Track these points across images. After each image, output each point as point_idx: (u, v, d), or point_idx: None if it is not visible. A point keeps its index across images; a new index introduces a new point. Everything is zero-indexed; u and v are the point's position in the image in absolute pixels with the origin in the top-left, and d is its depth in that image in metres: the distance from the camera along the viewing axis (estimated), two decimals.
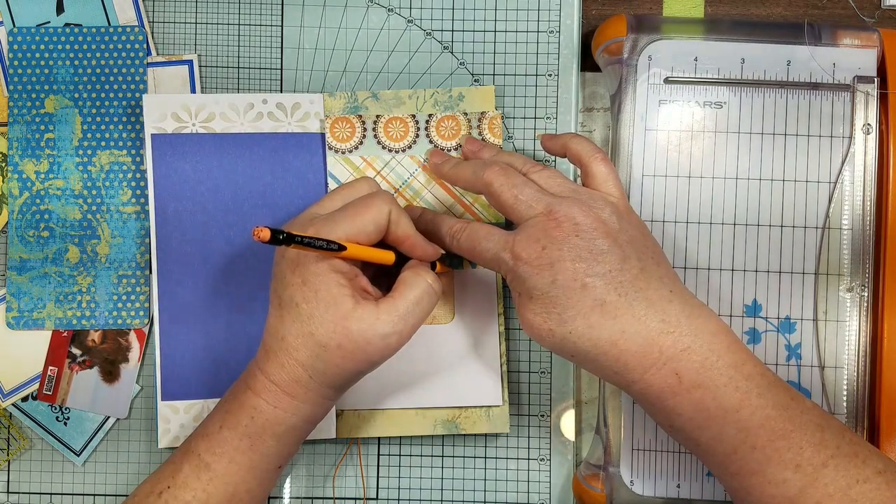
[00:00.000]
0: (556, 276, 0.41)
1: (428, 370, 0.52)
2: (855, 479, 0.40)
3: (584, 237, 0.42)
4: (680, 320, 0.42)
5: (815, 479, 0.40)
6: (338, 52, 0.53)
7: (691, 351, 0.41)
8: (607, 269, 0.42)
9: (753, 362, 0.42)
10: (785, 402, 0.41)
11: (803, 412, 0.41)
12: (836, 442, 0.41)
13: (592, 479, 0.51)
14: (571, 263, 0.41)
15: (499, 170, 0.45)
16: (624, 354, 0.42)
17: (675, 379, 0.41)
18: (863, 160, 0.50)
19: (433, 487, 0.53)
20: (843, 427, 0.42)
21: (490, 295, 0.52)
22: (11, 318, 0.52)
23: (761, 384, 0.41)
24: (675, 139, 0.51)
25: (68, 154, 0.52)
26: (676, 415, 0.42)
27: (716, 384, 0.41)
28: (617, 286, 0.42)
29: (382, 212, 0.44)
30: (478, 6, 0.53)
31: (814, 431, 0.41)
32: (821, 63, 0.51)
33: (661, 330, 0.42)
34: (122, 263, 0.52)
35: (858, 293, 0.50)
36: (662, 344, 0.41)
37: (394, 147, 0.52)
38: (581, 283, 0.41)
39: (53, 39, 0.52)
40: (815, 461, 0.40)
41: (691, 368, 0.41)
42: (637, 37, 0.51)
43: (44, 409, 0.53)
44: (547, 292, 0.42)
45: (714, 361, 0.41)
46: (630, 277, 0.42)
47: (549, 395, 0.53)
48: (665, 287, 0.43)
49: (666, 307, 0.42)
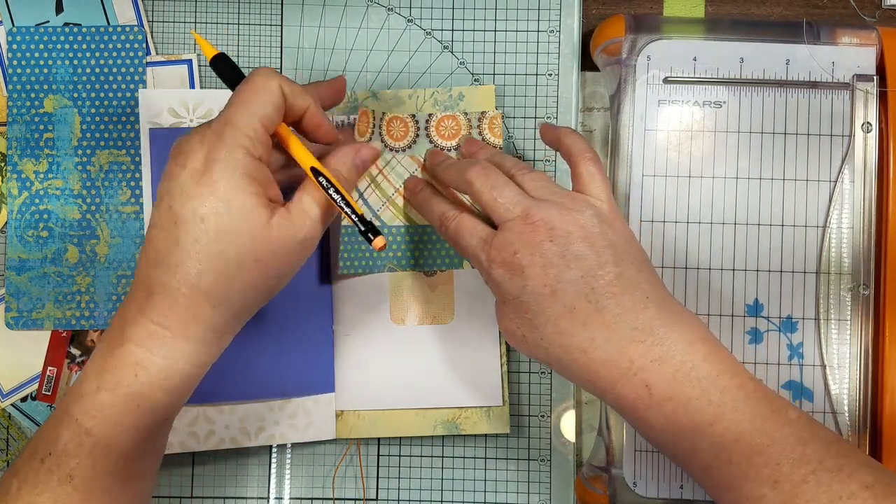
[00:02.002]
0: (527, 282, 0.41)
1: (428, 370, 0.52)
2: (838, 495, 0.38)
3: (558, 242, 0.41)
4: (654, 328, 0.40)
5: (795, 495, 0.38)
6: (338, 52, 0.53)
7: (663, 361, 0.40)
8: (579, 275, 0.41)
9: (732, 373, 0.40)
10: (764, 414, 0.39)
11: (784, 425, 0.39)
12: (820, 456, 0.39)
13: (595, 481, 0.51)
14: (542, 269, 0.41)
15: (481, 170, 0.44)
16: (594, 363, 0.40)
17: (646, 391, 0.40)
18: (863, 158, 0.50)
19: (433, 488, 0.53)
20: (830, 439, 0.40)
21: (490, 295, 0.52)
22: (10, 318, 0.52)
23: (737, 397, 0.39)
24: (674, 139, 0.51)
25: (67, 154, 0.52)
26: (649, 427, 0.40)
27: (688, 397, 0.39)
28: (588, 292, 0.40)
29: (272, 88, 0.40)
30: (478, 6, 0.53)
31: (794, 446, 0.39)
32: (820, 62, 0.51)
33: (631, 338, 0.40)
34: (121, 263, 0.52)
35: (860, 292, 0.50)
36: (633, 353, 0.40)
37: (394, 146, 0.52)
38: (551, 288, 0.40)
39: (53, 39, 0.52)
40: (793, 477, 0.38)
41: (662, 380, 0.40)
42: (636, 37, 0.51)
43: (43, 409, 0.53)
44: (518, 297, 0.41)
45: (686, 373, 0.40)
46: (603, 283, 0.41)
47: (549, 395, 0.53)
48: (642, 293, 0.41)
49: (639, 314, 0.40)
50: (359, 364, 0.52)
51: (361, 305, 0.52)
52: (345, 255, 0.51)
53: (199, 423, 0.50)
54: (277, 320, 0.51)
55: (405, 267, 0.52)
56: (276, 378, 0.51)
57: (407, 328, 0.52)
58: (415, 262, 0.52)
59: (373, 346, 0.52)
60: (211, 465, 0.53)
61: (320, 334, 0.52)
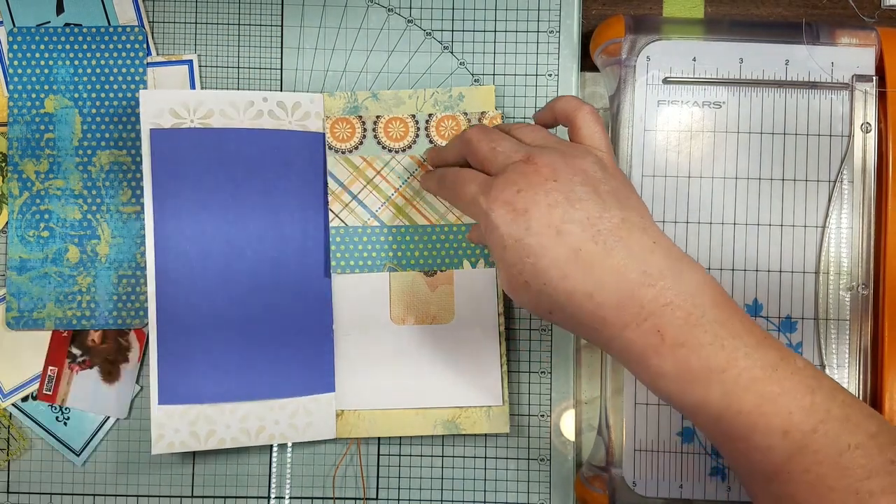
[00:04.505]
0: (531, 223, 0.39)
1: (428, 370, 0.52)
2: (846, 444, 0.37)
3: (563, 182, 0.40)
4: (663, 272, 0.39)
5: (804, 445, 0.37)
6: (338, 52, 0.53)
7: (674, 306, 0.38)
8: (585, 216, 0.39)
9: (741, 318, 0.39)
10: (774, 362, 0.38)
11: (793, 373, 0.38)
12: (827, 405, 0.38)
13: (595, 481, 0.51)
14: (547, 209, 0.39)
15: (478, 128, 0.44)
16: (601, 308, 0.39)
17: (658, 337, 0.38)
18: (862, 158, 0.50)
19: (433, 487, 0.53)
20: (834, 387, 0.39)
21: (490, 295, 0.52)
22: (11, 318, 0.52)
23: (749, 343, 0.39)
24: (674, 139, 0.51)
25: (68, 154, 0.52)
26: (660, 376, 0.39)
27: (700, 342, 0.38)
28: (595, 234, 0.39)
29: None
30: (478, 6, 0.53)
31: (804, 394, 0.38)
32: (819, 62, 0.51)
33: (641, 282, 0.38)
34: (122, 263, 0.52)
35: (859, 292, 0.50)
36: (643, 297, 0.38)
37: (394, 147, 0.52)
38: (556, 229, 0.39)
39: (53, 39, 0.52)
40: (803, 427, 0.37)
41: (674, 325, 0.38)
42: (635, 37, 0.51)
43: (44, 409, 0.53)
44: (521, 239, 0.39)
45: (698, 318, 0.38)
46: (609, 226, 0.39)
47: (549, 395, 0.53)
48: (648, 238, 0.40)
49: (648, 258, 0.39)
50: (359, 364, 0.52)
51: (361, 305, 0.52)
52: (337, 254, 0.51)
53: (199, 423, 0.50)
54: (277, 320, 0.51)
55: (405, 267, 0.52)
56: (276, 378, 0.51)
57: (407, 328, 0.52)
58: (415, 262, 0.52)
59: (373, 346, 0.52)
60: (211, 465, 0.53)
61: (320, 334, 0.52)
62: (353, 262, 0.52)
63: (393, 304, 0.52)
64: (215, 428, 0.51)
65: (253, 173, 0.51)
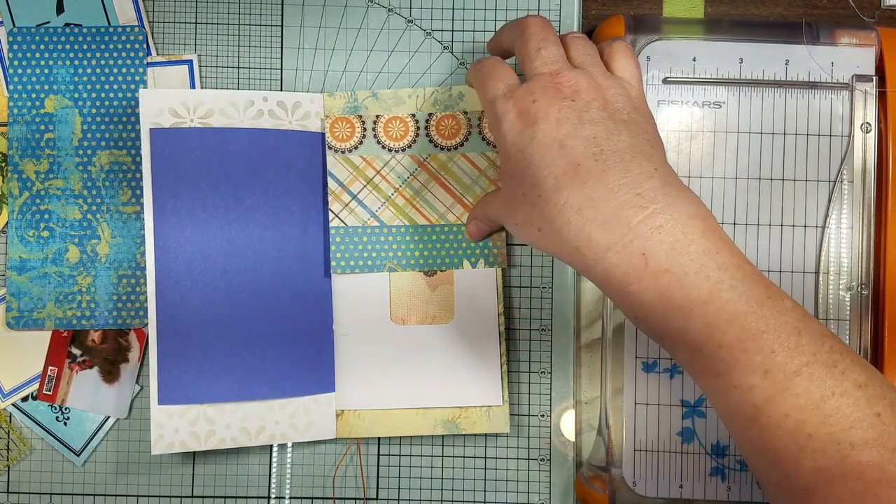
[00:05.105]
0: (536, 133, 0.40)
1: (428, 370, 0.52)
2: (831, 391, 0.36)
3: (580, 103, 0.40)
4: (656, 197, 0.38)
5: (785, 387, 0.36)
6: (338, 52, 0.53)
7: (663, 230, 0.37)
8: (591, 135, 0.39)
9: (730, 251, 0.38)
10: (760, 298, 0.37)
11: (780, 312, 0.37)
12: (814, 349, 0.37)
13: (595, 481, 0.51)
14: (556, 123, 0.40)
15: (541, 20, 0.45)
16: (588, 224, 0.38)
17: (642, 260, 0.37)
18: (862, 158, 0.50)
19: (433, 487, 0.53)
20: (824, 332, 0.38)
21: (490, 295, 0.52)
22: (11, 318, 0.52)
23: (735, 276, 0.37)
24: (674, 139, 0.51)
25: (68, 154, 0.52)
26: (640, 303, 0.38)
27: (684, 270, 0.37)
28: (597, 153, 0.39)
29: None
30: (478, 6, 0.53)
31: (789, 334, 0.37)
32: (819, 62, 0.51)
33: (633, 203, 0.38)
34: (122, 263, 0.52)
35: (859, 292, 0.50)
36: (632, 218, 0.38)
37: (393, 147, 0.52)
38: (560, 143, 0.39)
39: (53, 39, 0.52)
40: (786, 368, 0.36)
41: (660, 250, 0.37)
42: (635, 37, 0.51)
43: (44, 409, 0.53)
44: (524, 149, 0.40)
45: (686, 245, 0.37)
46: (614, 149, 0.39)
47: (549, 395, 0.53)
48: (651, 164, 0.39)
49: (644, 182, 0.39)
50: (359, 364, 0.52)
51: (361, 305, 0.52)
52: (337, 255, 0.51)
53: (199, 423, 0.50)
54: (277, 320, 0.51)
55: (405, 267, 0.52)
56: (276, 378, 0.51)
57: (407, 328, 0.52)
58: (415, 262, 0.52)
59: (373, 346, 0.52)
60: (211, 465, 0.53)
61: (320, 334, 0.52)
62: (353, 263, 0.52)
63: (393, 304, 0.52)
64: (215, 428, 0.51)
65: (253, 173, 0.51)
